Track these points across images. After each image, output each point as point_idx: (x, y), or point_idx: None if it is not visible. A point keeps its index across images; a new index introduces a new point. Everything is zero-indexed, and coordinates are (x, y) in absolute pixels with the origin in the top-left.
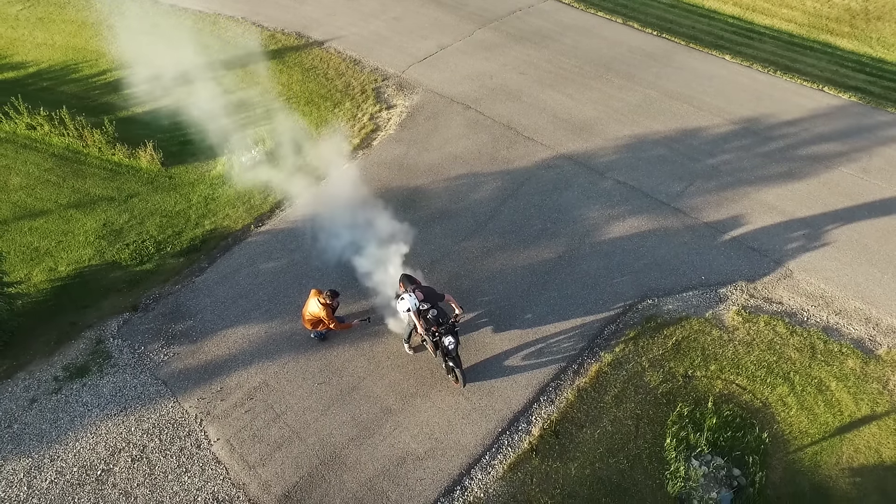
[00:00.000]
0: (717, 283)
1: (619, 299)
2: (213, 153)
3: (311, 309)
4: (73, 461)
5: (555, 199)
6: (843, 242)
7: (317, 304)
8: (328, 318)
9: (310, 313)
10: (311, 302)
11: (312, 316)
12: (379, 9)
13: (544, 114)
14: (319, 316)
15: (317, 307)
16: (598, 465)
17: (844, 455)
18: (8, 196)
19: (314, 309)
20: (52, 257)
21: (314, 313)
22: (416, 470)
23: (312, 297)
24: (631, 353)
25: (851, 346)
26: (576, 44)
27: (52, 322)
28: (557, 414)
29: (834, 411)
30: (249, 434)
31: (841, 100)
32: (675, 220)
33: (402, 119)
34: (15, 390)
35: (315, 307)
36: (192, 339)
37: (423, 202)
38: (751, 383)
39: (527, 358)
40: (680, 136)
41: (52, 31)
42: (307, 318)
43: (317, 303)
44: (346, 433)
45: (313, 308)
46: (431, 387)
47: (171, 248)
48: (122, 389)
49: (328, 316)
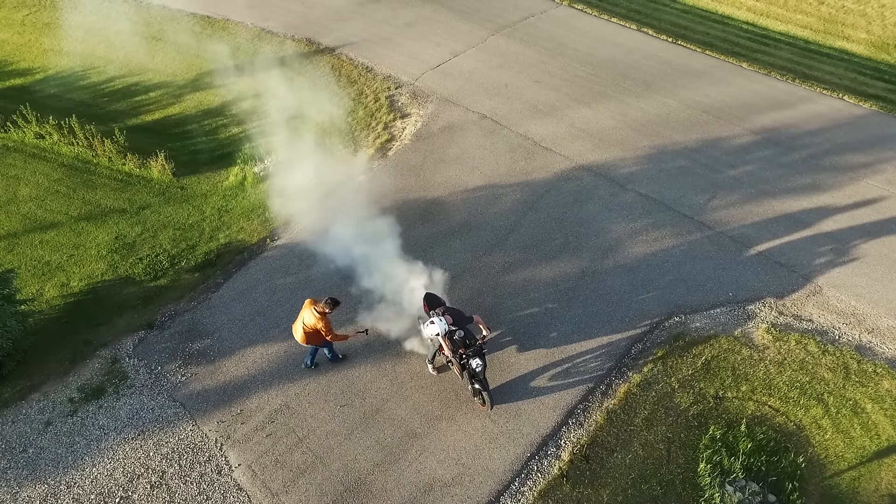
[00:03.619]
0: (744, 299)
1: (646, 317)
2: (226, 163)
3: (306, 321)
4: (90, 488)
5: (576, 212)
6: (873, 257)
7: (312, 314)
8: (326, 330)
9: (305, 325)
10: (306, 313)
11: (308, 328)
12: (390, 15)
13: (562, 123)
14: (316, 327)
15: (312, 318)
16: (631, 491)
17: (884, 481)
18: (18, 208)
19: (311, 321)
20: (64, 272)
21: (310, 325)
22: (444, 497)
23: (307, 308)
24: (660, 373)
25: (886, 366)
26: (591, 51)
27: (66, 340)
28: (587, 437)
29: (871, 435)
30: (271, 459)
31: (862, 109)
32: (700, 233)
33: (416, 129)
34: (29, 412)
35: (311, 318)
36: (209, 359)
37: (441, 215)
38: (784, 405)
39: (553, 378)
40: (700, 146)
41: (59, 36)
42: (304, 332)
43: (312, 313)
44: (370, 458)
45: (309, 319)
46: (457, 409)
47: (186, 262)
48: (139, 412)
49: (326, 327)
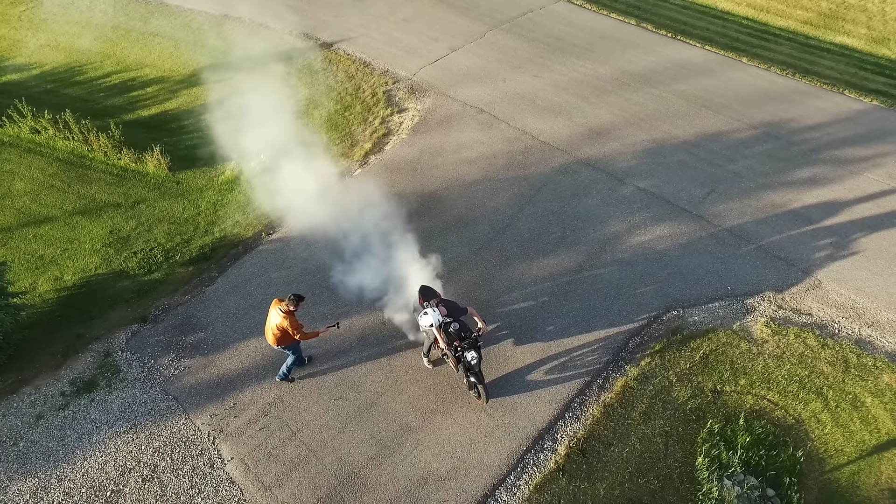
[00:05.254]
0: (743, 293)
1: (643, 310)
2: (222, 158)
3: (273, 321)
4: (81, 481)
5: (573, 206)
6: (873, 251)
7: (277, 314)
8: (294, 328)
9: (274, 326)
10: (272, 313)
11: (277, 329)
12: (388, 10)
13: (560, 117)
14: (283, 327)
15: (278, 318)
16: (628, 485)
17: (884, 475)
18: (12, 202)
19: (277, 320)
20: (58, 266)
21: (278, 325)
22: (439, 491)
23: (273, 308)
24: (657, 367)
25: (886, 359)
26: (589, 46)
27: (58, 334)
28: (584, 431)
29: (871, 429)
30: (264, 453)
31: (862, 103)
32: (698, 227)
33: (414, 123)
34: (20, 406)
35: (277, 318)
36: (203, 353)
37: (437, 209)
38: (783, 399)
39: (550, 372)
40: (699, 140)
41: (56, 32)
42: (273, 334)
43: (277, 313)
44: (364, 452)
45: (276, 320)
46: (452, 403)
47: (180, 256)
48: (131, 405)
49: (293, 325)
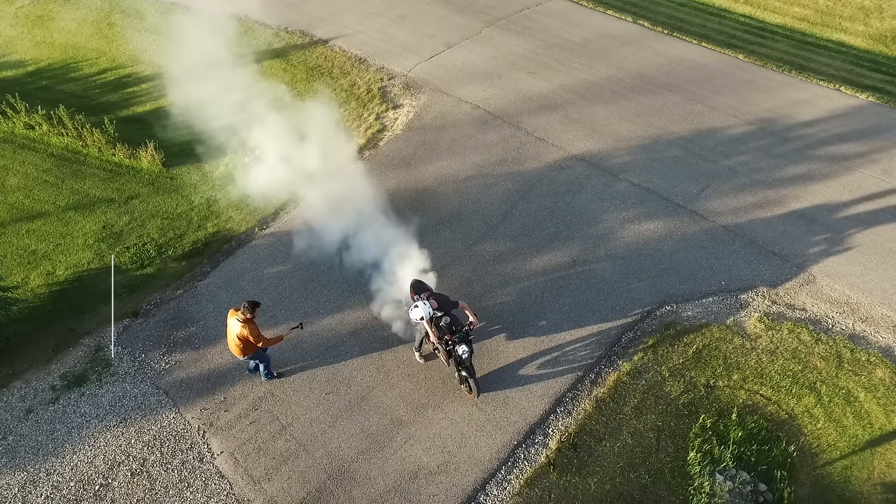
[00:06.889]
0: (737, 288)
1: (637, 305)
2: (216, 154)
3: (234, 331)
4: (70, 475)
5: (567, 202)
6: (867, 247)
7: (236, 323)
8: (254, 336)
9: (235, 336)
10: (231, 323)
11: (238, 339)
12: (384, 7)
13: (555, 113)
14: (244, 336)
15: (238, 327)
16: (619, 479)
17: (876, 470)
18: (5, 197)
19: (237, 329)
20: (50, 261)
21: (238, 335)
22: (429, 485)
23: (231, 318)
24: (650, 362)
25: (880, 354)
26: (585, 43)
27: (50, 328)
28: (575, 426)
29: (863, 423)
30: (254, 447)
31: (858, 100)
32: (692, 223)
33: (408, 119)
34: (10, 400)
35: (236, 327)
36: (194, 347)
37: (431, 204)
38: (776, 394)
39: (542, 367)
40: (694, 136)
41: (52, 28)
42: (236, 345)
43: (236, 322)
44: (355, 446)
45: (236, 329)
46: (443, 397)
47: (173, 251)
48: (121, 399)
49: (253, 333)
